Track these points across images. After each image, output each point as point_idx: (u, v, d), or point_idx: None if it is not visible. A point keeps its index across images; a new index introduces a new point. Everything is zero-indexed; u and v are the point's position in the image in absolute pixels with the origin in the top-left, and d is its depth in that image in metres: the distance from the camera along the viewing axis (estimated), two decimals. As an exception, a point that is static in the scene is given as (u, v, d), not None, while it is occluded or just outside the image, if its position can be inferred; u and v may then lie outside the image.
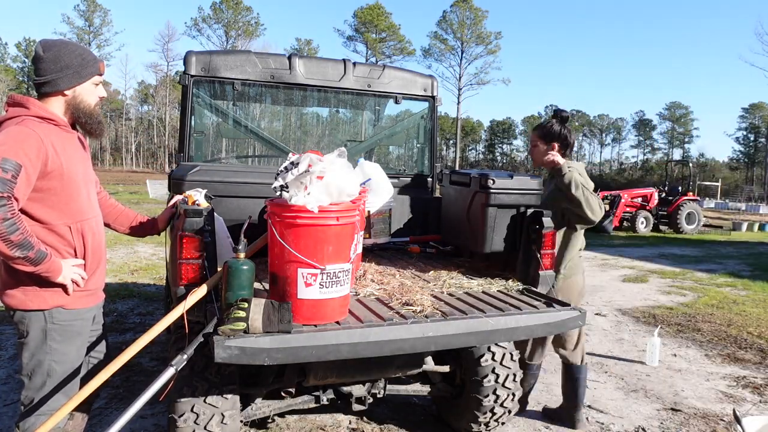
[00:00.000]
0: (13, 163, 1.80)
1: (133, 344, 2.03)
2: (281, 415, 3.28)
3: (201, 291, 2.09)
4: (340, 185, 2.04)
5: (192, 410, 2.33)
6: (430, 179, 3.95)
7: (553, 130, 3.11)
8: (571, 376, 3.34)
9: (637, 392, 4.08)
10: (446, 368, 3.04)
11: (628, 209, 17.22)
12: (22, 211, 1.90)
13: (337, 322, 2.09)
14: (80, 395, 1.95)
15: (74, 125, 2.12)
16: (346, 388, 2.80)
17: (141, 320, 5.26)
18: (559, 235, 3.12)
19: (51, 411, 2.02)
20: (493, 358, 2.92)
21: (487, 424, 3.06)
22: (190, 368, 2.30)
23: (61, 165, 1.95)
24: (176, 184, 2.92)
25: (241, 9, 57.69)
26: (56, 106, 2.03)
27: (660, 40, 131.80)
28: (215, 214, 2.37)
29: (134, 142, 73.08)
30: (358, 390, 2.82)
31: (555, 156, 3.08)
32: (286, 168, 2.03)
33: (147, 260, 8.49)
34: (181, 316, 2.04)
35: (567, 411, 3.40)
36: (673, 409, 3.78)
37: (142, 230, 2.48)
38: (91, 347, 2.27)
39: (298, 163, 2.02)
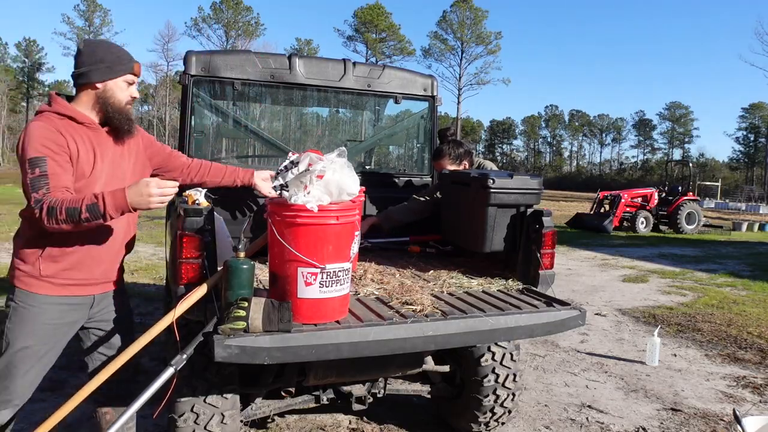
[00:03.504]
0: (37, 159, 1.90)
1: (133, 344, 2.03)
2: (281, 414, 3.28)
3: (201, 291, 2.09)
4: (340, 184, 2.03)
5: (192, 410, 2.33)
6: (430, 179, 3.95)
7: (460, 151, 3.45)
8: None
9: (637, 392, 4.08)
10: (446, 368, 3.04)
11: (628, 209, 17.20)
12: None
13: (337, 322, 2.09)
14: (80, 395, 1.95)
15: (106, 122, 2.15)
16: (346, 388, 2.80)
17: (141, 320, 5.25)
18: None
19: None
20: (493, 358, 2.92)
21: (487, 424, 3.06)
22: (190, 368, 2.30)
23: (78, 159, 2.02)
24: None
25: (241, 9, 57.67)
26: (86, 100, 2.10)
27: (660, 40, 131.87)
28: (215, 213, 2.37)
29: (134, 142, 72.92)
30: (358, 390, 2.82)
31: None
32: (285, 167, 2.03)
33: (147, 260, 8.49)
34: (179, 315, 2.04)
35: None
36: (673, 409, 3.78)
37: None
38: (92, 346, 2.28)
39: (298, 163, 2.01)
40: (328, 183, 2.01)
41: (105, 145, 2.13)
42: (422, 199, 3.49)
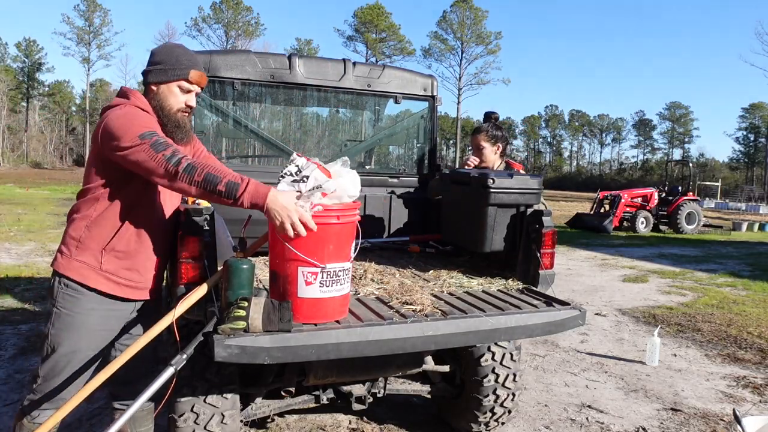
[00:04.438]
0: (151, 133, 1.88)
1: (133, 344, 2.03)
2: (281, 414, 3.28)
3: (201, 291, 2.09)
4: (342, 188, 2.03)
5: (192, 410, 2.32)
6: (430, 179, 3.95)
7: (497, 134, 3.45)
8: None
9: (637, 392, 4.08)
10: (446, 368, 3.04)
11: (628, 209, 17.21)
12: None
13: (337, 321, 2.09)
14: (80, 395, 1.95)
15: None
16: (346, 388, 2.80)
17: (141, 320, 5.26)
18: None
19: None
20: (493, 358, 2.92)
21: (487, 424, 3.06)
22: (191, 368, 2.30)
23: None
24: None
25: (241, 9, 57.67)
26: (148, 100, 2.09)
27: (660, 40, 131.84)
28: (215, 212, 2.37)
29: (134, 142, 72.91)
30: (358, 389, 2.82)
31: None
32: (291, 175, 2.00)
33: (147, 260, 8.48)
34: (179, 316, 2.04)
35: None
36: (673, 409, 3.78)
37: None
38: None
39: (303, 173, 1.98)
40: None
41: None
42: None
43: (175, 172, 1.84)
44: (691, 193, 18.18)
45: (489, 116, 3.56)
